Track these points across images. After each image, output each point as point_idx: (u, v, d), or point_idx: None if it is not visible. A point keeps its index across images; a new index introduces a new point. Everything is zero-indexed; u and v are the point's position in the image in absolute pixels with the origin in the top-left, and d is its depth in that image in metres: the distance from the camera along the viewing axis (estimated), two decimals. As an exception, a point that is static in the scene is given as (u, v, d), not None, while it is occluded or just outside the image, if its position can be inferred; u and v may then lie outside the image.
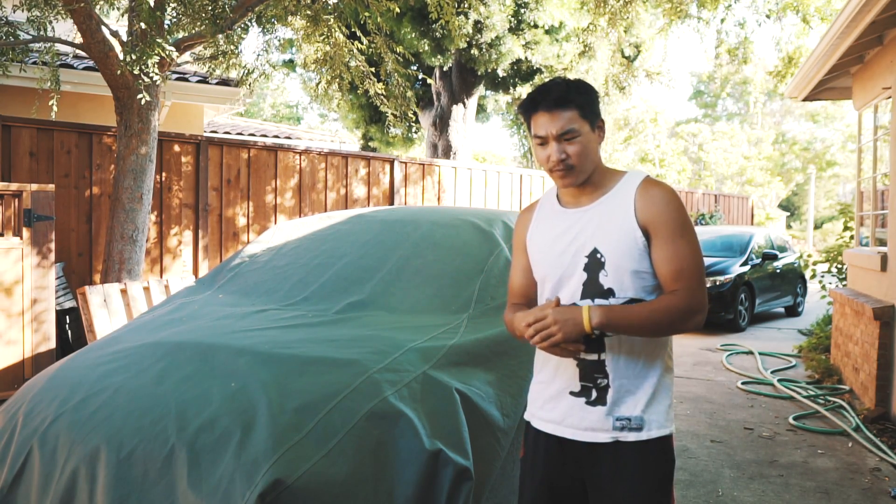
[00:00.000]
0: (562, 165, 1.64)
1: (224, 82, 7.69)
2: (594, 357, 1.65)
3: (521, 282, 1.85)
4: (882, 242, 5.71)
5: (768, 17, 10.02)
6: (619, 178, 1.72)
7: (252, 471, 1.77)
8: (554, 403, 1.71)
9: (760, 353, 7.30)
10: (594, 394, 1.65)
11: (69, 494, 1.97)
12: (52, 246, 4.38)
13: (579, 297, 1.66)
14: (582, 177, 1.67)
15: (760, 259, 9.68)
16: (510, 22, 10.18)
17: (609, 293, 1.64)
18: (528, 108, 1.68)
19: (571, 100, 1.62)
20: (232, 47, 5.94)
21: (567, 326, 1.55)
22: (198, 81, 7.69)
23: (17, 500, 2.09)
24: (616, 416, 1.62)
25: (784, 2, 10.52)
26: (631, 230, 1.62)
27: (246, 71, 6.22)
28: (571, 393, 1.68)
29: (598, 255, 1.65)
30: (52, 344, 4.36)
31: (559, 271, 1.69)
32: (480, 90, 12.42)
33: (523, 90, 11.64)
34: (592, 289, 1.65)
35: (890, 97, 5.28)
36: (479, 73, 11.15)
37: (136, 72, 4.82)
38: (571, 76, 12.16)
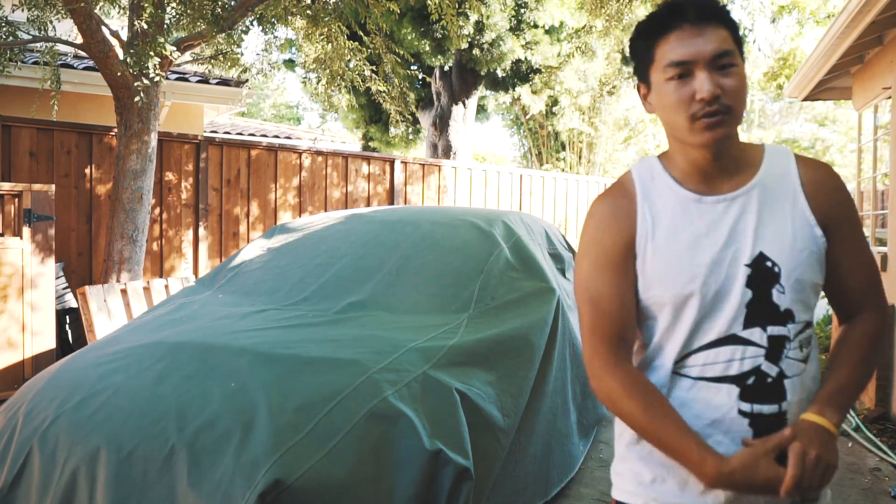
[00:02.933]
0: (715, 105, 1.12)
1: (224, 82, 7.70)
2: (773, 408, 1.15)
3: (620, 311, 1.22)
4: (882, 242, 5.71)
5: (773, 20, 10.03)
6: (759, 152, 1.24)
7: (252, 471, 1.77)
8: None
9: (760, 353, 7.29)
10: None
11: (69, 494, 1.97)
12: (52, 246, 4.38)
13: (741, 326, 1.15)
14: (734, 129, 1.17)
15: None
16: (510, 22, 10.18)
17: (787, 318, 1.15)
18: (659, 25, 1.17)
19: (723, 13, 1.15)
20: (232, 47, 5.93)
21: (831, 456, 1.08)
22: (198, 81, 7.69)
23: (18, 500, 2.09)
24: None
25: (778, 4, 10.52)
26: (810, 228, 1.17)
27: (244, 69, 6.22)
28: None
29: (769, 264, 1.15)
30: (52, 344, 4.36)
31: (707, 290, 1.16)
32: (480, 90, 12.42)
33: (523, 90, 11.65)
34: (761, 313, 1.15)
35: (890, 97, 5.28)
36: (480, 74, 11.16)
37: (135, 72, 4.82)
38: (572, 77, 12.18)
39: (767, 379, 1.15)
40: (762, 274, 1.16)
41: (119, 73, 4.86)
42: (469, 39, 9.81)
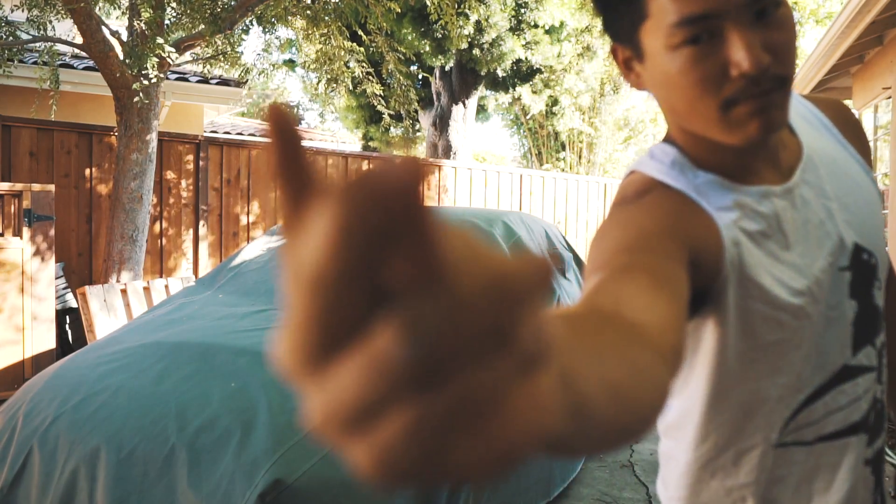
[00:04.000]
0: (762, 82, 0.68)
1: (224, 82, 7.69)
2: (882, 390, 0.84)
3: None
4: (882, 242, 5.70)
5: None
6: None
7: (252, 470, 1.77)
8: None
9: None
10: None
11: (69, 494, 1.97)
12: (52, 246, 4.38)
13: (850, 351, 0.79)
14: (788, 106, 0.72)
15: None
16: (510, 22, 10.18)
17: (882, 318, 0.84)
18: None
19: None
20: (232, 47, 5.94)
21: None
22: (198, 81, 7.68)
23: (18, 499, 2.09)
24: None
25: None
26: (871, 182, 0.86)
27: (244, 69, 6.22)
28: None
29: (865, 256, 0.80)
30: (52, 344, 4.36)
31: (818, 317, 0.77)
32: (480, 90, 12.43)
33: (523, 90, 11.65)
34: (868, 324, 0.80)
35: (890, 97, 5.28)
36: (480, 74, 11.16)
37: (135, 72, 4.82)
38: (572, 76, 12.18)
39: (879, 404, 0.82)
40: (863, 270, 0.80)
41: (119, 73, 4.86)
42: (469, 39, 9.81)
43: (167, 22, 5.44)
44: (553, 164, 16.03)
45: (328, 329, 0.21)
